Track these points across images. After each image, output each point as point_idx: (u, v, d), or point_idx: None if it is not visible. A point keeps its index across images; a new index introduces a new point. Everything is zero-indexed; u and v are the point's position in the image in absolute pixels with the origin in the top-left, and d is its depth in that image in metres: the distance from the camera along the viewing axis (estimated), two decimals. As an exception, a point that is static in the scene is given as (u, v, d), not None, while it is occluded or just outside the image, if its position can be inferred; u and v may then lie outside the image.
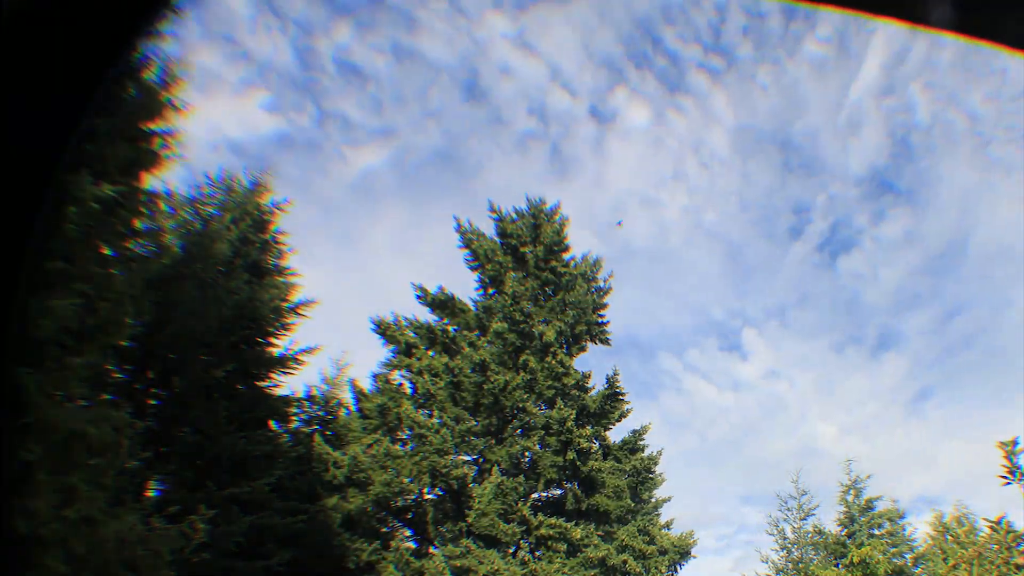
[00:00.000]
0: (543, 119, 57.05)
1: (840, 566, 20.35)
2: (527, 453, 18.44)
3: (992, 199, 57.37)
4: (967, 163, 58.36)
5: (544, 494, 18.84)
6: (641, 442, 20.83)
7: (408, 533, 17.91)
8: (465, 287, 20.56)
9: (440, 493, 17.66)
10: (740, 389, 53.61)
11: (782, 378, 55.65)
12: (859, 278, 60.14)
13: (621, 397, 20.15)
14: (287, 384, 21.80)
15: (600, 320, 21.10)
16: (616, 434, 20.83)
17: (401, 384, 18.66)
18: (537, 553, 17.27)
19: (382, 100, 56.14)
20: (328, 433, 17.74)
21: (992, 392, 56.00)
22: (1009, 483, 9.98)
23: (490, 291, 20.28)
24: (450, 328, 19.50)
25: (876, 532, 24.45)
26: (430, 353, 18.79)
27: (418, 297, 19.92)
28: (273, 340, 16.43)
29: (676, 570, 20.62)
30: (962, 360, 57.99)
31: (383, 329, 19.25)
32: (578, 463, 18.02)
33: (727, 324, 62.14)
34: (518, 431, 18.44)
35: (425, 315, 19.82)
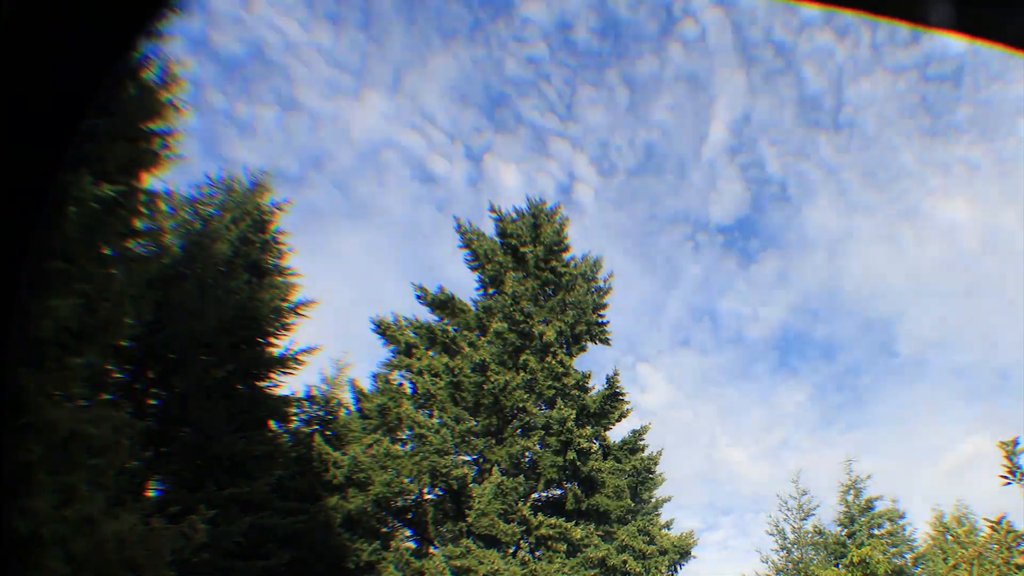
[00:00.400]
0: (425, 180, 62.17)
1: (840, 566, 20.34)
2: (527, 453, 18.43)
3: (859, 240, 61.37)
4: (828, 209, 63.08)
5: (544, 494, 18.83)
6: (641, 442, 20.83)
7: (408, 533, 17.91)
8: (459, 289, 20.49)
9: (440, 493, 17.65)
10: (645, 418, 56.20)
11: (684, 408, 58.56)
12: (739, 317, 64.70)
13: (621, 397, 20.14)
14: (287, 384, 21.83)
15: (600, 320, 21.10)
16: (616, 434, 20.86)
17: (401, 384, 18.64)
18: (537, 553, 17.26)
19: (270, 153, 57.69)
20: (328, 433, 17.74)
21: (887, 414, 58.74)
22: (1009, 483, 9.96)
23: (490, 291, 20.28)
24: (450, 328, 19.49)
25: (876, 532, 24.48)
26: (430, 353, 18.78)
27: (418, 297, 19.94)
28: (273, 340, 16.45)
29: (676, 570, 20.61)
30: (857, 387, 61.07)
31: (383, 329, 19.25)
32: (578, 463, 18.01)
33: (620, 360, 66.70)
34: (518, 431, 18.42)
35: (425, 315, 19.85)
